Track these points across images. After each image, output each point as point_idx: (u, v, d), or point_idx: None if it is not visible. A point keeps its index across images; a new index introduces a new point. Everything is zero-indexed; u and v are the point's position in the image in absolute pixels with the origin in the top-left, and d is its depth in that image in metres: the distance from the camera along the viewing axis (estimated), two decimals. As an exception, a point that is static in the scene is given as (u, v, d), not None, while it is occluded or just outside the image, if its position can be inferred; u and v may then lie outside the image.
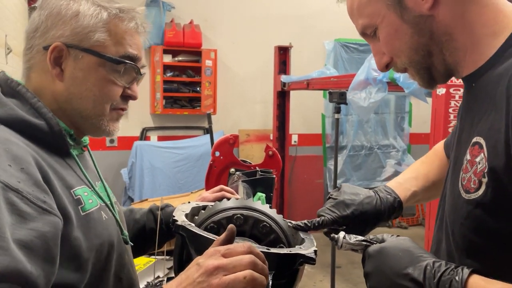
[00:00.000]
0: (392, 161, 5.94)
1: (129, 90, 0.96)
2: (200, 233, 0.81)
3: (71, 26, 0.89)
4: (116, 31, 0.92)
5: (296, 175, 5.46)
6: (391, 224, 5.93)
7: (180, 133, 5.24)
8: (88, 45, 0.89)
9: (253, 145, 5.48)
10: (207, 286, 0.68)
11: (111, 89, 0.93)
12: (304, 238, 0.89)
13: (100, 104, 0.92)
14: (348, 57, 5.58)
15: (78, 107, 0.91)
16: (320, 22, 5.60)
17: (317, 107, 5.66)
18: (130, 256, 1.07)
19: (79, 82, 0.90)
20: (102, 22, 0.90)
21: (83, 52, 0.89)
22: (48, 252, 0.72)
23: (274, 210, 0.89)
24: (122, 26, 0.92)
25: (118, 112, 0.97)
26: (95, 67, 0.90)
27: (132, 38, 0.94)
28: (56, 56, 0.89)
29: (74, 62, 0.89)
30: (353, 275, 4.39)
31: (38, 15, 0.91)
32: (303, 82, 4.31)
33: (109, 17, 0.91)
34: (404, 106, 6.02)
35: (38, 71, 0.91)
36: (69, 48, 0.89)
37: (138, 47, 0.96)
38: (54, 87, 0.90)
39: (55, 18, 0.90)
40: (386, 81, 2.97)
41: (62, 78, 0.90)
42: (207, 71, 5.13)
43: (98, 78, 0.91)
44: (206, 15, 5.28)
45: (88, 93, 0.91)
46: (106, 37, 0.90)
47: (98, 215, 0.91)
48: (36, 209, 0.73)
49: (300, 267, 0.83)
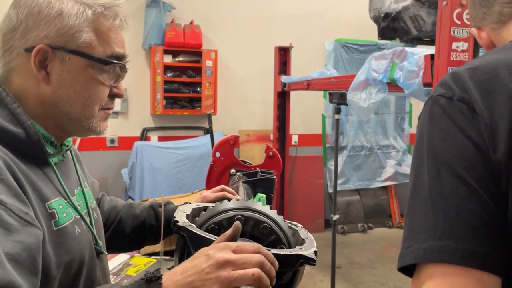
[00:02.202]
0: (392, 161, 5.95)
1: (115, 89, 0.93)
2: (201, 234, 0.81)
3: (55, 27, 0.83)
4: (101, 29, 0.87)
5: (296, 175, 5.47)
6: (391, 224, 5.93)
7: (181, 133, 5.25)
8: (75, 46, 0.85)
9: (253, 146, 5.48)
10: (215, 278, 0.69)
11: (100, 90, 0.89)
12: (304, 238, 0.89)
13: (90, 106, 0.89)
14: (349, 58, 5.58)
15: (66, 110, 0.88)
16: (320, 22, 5.61)
17: (317, 107, 5.67)
18: (105, 267, 1.03)
19: (67, 85, 0.86)
20: (88, 21, 0.85)
21: (70, 54, 0.85)
22: (33, 264, 0.71)
23: (275, 211, 0.90)
24: (107, 24, 0.88)
25: (106, 112, 0.94)
26: (83, 68, 0.86)
27: (117, 36, 0.91)
28: (40, 59, 0.84)
29: (60, 65, 0.85)
30: (353, 275, 4.40)
31: (16, 14, 0.84)
32: (303, 83, 4.31)
33: (94, 15, 0.86)
34: (404, 107, 6.03)
35: (20, 74, 0.86)
36: (54, 50, 0.84)
37: (123, 44, 0.92)
38: (39, 90, 0.86)
39: (37, 18, 0.83)
40: (386, 81, 2.98)
41: (48, 81, 0.85)
42: (207, 71, 5.13)
43: (87, 80, 0.87)
44: (206, 16, 5.28)
45: (76, 95, 0.87)
46: (93, 37, 0.86)
47: (71, 230, 0.87)
48: (20, 221, 0.72)
49: (300, 267, 0.84)
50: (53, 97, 0.86)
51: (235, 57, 5.41)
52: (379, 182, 5.91)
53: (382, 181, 5.91)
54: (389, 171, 5.91)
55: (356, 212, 5.85)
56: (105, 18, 0.88)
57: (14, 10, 0.85)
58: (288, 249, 0.84)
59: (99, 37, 0.87)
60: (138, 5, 5.06)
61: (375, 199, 6.02)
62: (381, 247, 5.23)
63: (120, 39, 0.91)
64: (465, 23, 2.38)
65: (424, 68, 2.59)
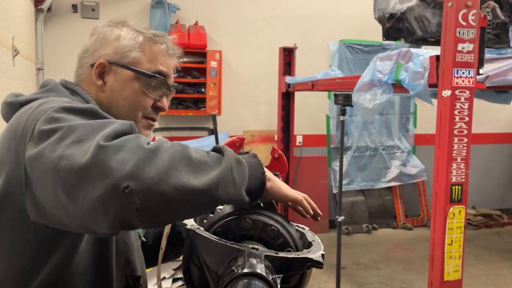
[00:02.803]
0: (397, 162, 5.94)
1: (159, 102, 1.09)
2: (209, 237, 0.82)
3: (113, 47, 1.06)
4: (149, 51, 1.08)
5: (300, 176, 5.47)
6: (396, 225, 5.92)
7: (185, 134, 5.26)
8: (126, 62, 1.06)
9: (258, 146, 5.49)
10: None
11: (143, 99, 1.07)
12: (311, 241, 0.89)
13: (133, 111, 1.06)
14: (353, 58, 5.58)
15: (115, 113, 1.04)
16: (324, 23, 5.60)
17: (322, 108, 5.67)
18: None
19: (117, 92, 1.06)
20: (138, 44, 1.07)
21: (122, 68, 1.05)
22: None
23: (282, 214, 0.90)
24: (155, 47, 1.08)
25: (148, 122, 1.10)
26: (130, 80, 1.06)
27: (163, 59, 1.09)
28: (100, 71, 1.05)
29: (114, 76, 1.06)
30: (357, 276, 4.39)
31: (89, 40, 1.09)
32: (308, 83, 4.31)
33: (144, 40, 1.08)
34: (409, 107, 6.02)
35: (86, 83, 1.07)
36: (111, 64, 1.05)
37: (168, 66, 1.10)
38: (97, 95, 1.06)
39: (102, 41, 1.07)
40: (391, 82, 2.97)
41: (104, 89, 1.06)
42: (212, 72, 5.14)
43: (133, 89, 1.06)
44: (211, 17, 5.29)
45: (124, 101, 1.06)
46: (141, 56, 1.06)
47: None
48: None
49: (307, 270, 0.84)
50: (106, 101, 1.06)
51: (240, 57, 5.42)
52: (383, 182, 5.90)
53: (386, 182, 5.90)
54: (393, 172, 5.90)
55: (360, 213, 5.85)
56: (153, 42, 1.08)
57: (89, 38, 1.10)
58: (296, 252, 0.84)
59: (147, 57, 1.07)
60: (142, 6, 5.07)
61: (380, 200, 6.01)
62: (386, 247, 5.22)
63: (166, 62, 1.10)
64: (471, 24, 2.38)
65: (429, 69, 2.59)
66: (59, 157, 0.74)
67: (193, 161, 0.74)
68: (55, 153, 0.75)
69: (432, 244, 2.60)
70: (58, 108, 0.84)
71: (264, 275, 0.72)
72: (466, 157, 2.49)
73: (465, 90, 2.44)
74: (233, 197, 0.76)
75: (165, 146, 0.75)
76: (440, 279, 2.53)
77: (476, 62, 2.43)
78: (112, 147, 0.71)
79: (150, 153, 0.72)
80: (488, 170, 6.28)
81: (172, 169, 0.71)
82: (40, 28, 4.59)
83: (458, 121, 2.46)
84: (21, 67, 3.61)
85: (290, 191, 0.92)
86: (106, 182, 0.69)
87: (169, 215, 0.75)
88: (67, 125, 0.79)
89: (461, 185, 2.50)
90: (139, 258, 1.13)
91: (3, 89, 2.88)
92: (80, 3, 4.95)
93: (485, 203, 6.33)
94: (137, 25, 1.11)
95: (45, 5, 4.53)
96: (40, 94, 0.99)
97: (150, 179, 0.69)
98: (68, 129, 0.78)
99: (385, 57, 3.05)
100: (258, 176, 0.84)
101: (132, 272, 1.07)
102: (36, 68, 4.53)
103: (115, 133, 0.75)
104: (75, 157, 0.73)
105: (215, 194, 0.74)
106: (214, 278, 0.80)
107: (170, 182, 0.70)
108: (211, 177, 0.74)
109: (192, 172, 0.73)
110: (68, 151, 0.74)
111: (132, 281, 1.07)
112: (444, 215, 2.50)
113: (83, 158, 0.71)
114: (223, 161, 0.78)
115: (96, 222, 0.73)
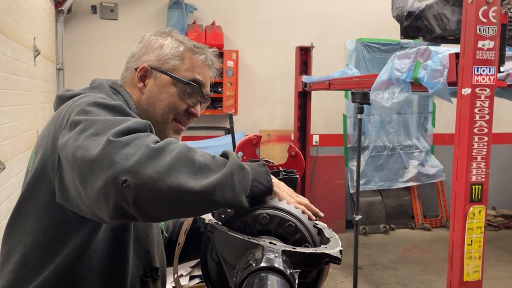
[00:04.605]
0: (415, 161, 5.86)
1: (192, 108, 1.18)
2: (227, 231, 0.82)
3: (156, 54, 1.17)
4: (188, 61, 1.17)
5: (317, 175, 5.44)
6: (413, 225, 5.85)
7: (202, 133, 5.29)
8: (165, 68, 1.16)
9: (274, 145, 5.48)
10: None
11: (176, 102, 1.15)
12: (329, 238, 0.89)
13: (166, 112, 1.15)
14: (370, 57, 5.53)
15: (151, 114, 1.15)
16: (341, 22, 5.57)
17: (338, 107, 5.63)
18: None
19: (154, 94, 1.16)
20: (179, 52, 1.17)
21: (161, 73, 1.15)
22: None
23: (299, 210, 0.90)
24: (194, 57, 1.18)
25: (178, 125, 1.18)
26: (168, 85, 1.15)
27: (201, 69, 1.18)
28: (142, 74, 1.16)
29: (154, 80, 1.16)
30: (375, 276, 4.36)
31: (137, 47, 1.21)
32: (324, 83, 4.30)
33: (184, 49, 1.18)
34: (428, 106, 5.94)
35: (129, 85, 1.19)
36: (152, 69, 1.16)
37: (205, 76, 1.19)
38: (138, 97, 1.17)
39: (147, 48, 1.19)
40: (410, 81, 2.94)
41: (144, 91, 1.17)
42: (228, 71, 5.16)
43: (169, 93, 1.15)
44: (227, 16, 5.31)
45: (159, 103, 1.15)
46: (180, 63, 1.16)
47: None
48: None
49: (325, 266, 0.84)
50: (144, 102, 1.16)
51: (256, 57, 5.42)
52: (401, 182, 5.83)
53: (404, 182, 5.83)
54: (411, 172, 5.83)
55: (378, 213, 5.79)
56: (193, 52, 1.18)
57: (137, 45, 1.22)
58: (314, 248, 0.84)
59: (185, 65, 1.17)
60: (160, 6, 5.12)
61: (397, 200, 5.95)
62: (404, 248, 5.16)
63: (203, 72, 1.18)
64: (491, 21, 2.34)
65: (449, 67, 2.55)
66: (77, 146, 0.82)
67: (195, 163, 0.79)
68: (76, 143, 0.83)
69: (451, 244, 2.56)
70: (90, 102, 0.93)
71: (282, 269, 0.72)
72: (487, 156, 2.45)
73: (485, 88, 2.40)
74: (230, 202, 0.80)
75: (171, 146, 0.80)
76: (459, 279, 2.49)
77: (497, 59, 2.39)
78: (119, 142, 0.78)
79: (154, 152, 0.77)
80: (509, 170, 6.16)
81: (172, 169, 0.76)
82: (60, 29, 4.66)
83: (479, 119, 2.42)
84: (42, 67, 3.68)
85: (292, 200, 0.94)
86: (108, 174, 0.75)
87: (164, 212, 0.80)
88: (92, 118, 0.87)
89: (481, 185, 2.46)
90: (159, 251, 1.17)
91: (25, 89, 2.94)
92: (99, 4, 5.02)
93: (506, 204, 6.21)
94: (181, 36, 1.21)
95: (65, 6, 4.61)
96: (85, 90, 1.10)
97: (148, 176, 0.75)
98: (91, 122, 0.86)
99: (403, 55, 3.02)
100: (264, 183, 0.88)
101: (151, 263, 1.13)
102: (56, 69, 4.60)
103: (127, 130, 0.82)
104: (89, 148, 0.80)
105: (211, 197, 0.78)
106: (232, 272, 0.80)
107: (167, 181, 0.75)
108: (209, 181, 0.78)
109: (192, 174, 0.78)
110: (85, 142, 0.82)
111: (149, 271, 1.12)
112: (464, 215, 2.46)
113: (95, 150, 0.78)
114: (225, 166, 0.81)
115: (100, 210, 0.79)
